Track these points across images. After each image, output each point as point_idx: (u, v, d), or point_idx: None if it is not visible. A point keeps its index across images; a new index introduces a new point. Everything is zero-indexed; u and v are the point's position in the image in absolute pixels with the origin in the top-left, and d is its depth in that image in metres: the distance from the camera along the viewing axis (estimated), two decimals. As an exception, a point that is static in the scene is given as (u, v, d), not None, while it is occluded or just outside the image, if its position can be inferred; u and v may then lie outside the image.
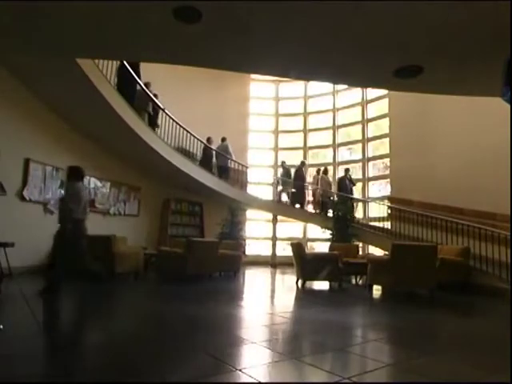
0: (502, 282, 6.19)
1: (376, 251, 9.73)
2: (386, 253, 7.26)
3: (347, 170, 11.18)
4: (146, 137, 7.88)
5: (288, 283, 7.50)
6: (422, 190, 9.14)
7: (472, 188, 7.83)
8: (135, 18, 3.94)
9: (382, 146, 11.54)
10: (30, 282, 5.81)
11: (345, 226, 9.27)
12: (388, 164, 11.11)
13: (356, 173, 12.19)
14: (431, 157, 9.31)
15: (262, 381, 2.01)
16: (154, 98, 9.15)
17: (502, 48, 3.60)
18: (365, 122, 11.96)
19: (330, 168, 12.70)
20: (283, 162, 12.27)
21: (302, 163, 11.90)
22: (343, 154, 12.73)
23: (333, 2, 3.46)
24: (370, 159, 11.80)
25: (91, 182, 8.30)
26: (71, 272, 4.96)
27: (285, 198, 11.91)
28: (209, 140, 11.09)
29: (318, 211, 11.08)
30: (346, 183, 10.65)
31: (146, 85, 9.25)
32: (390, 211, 9.71)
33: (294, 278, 6.83)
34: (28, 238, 6.62)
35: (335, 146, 12.65)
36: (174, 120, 9.49)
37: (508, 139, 5.16)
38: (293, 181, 11.51)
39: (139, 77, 8.81)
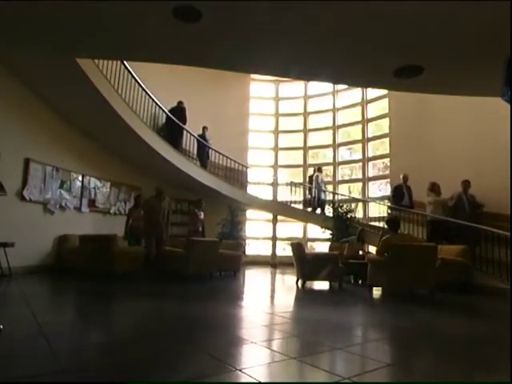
0: (502, 282, 6.19)
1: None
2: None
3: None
4: (146, 137, 7.88)
5: (288, 283, 7.49)
6: (421, 189, 9.12)
7: (472, 188, 7.82)
8: (135, 17, 3.94)
9: (382, 146, 11.54)
10: (30, 281, 5.81)
11: (345, 226, 9.28)
12: (388, 164, 11.11)
13: (356, 173, 12.21)
14: (431, 157, 9.30)
15: (262, 381, 2.01)
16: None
17: (502, 48, 3.61)
18: (365, 122, 11.95)
19: (330, 168, 12.70)
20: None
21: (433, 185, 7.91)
22: (343, 154, 12.73)
23: (333, 3, 3.46)
24: (370, 159, 11.79)
25: (91, 181, 8.31)
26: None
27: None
28: (319, 169, 11.06)
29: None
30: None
31: (204, 129, 10.72)
32: (389, 211, 9.70)
33: (294, 277, 6.83)
34: (28, 238, 6.62)
35: (335, 146, 12.64)
36: (175, 121, 9.50)
37: (508, 139, 5.16)
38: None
39: (185, 121, 9.85)
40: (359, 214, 11.10)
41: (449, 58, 4.39)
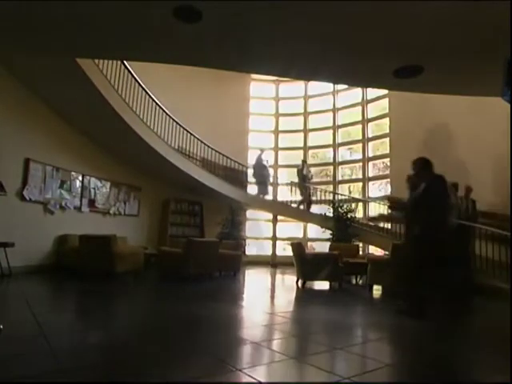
0: (502, 282, 6.18)
1: (376, 251, 9.71)
2: (386, 253, 7.26)
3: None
4: (147, 137, 7.88)
5: (288, 283, 7.49)
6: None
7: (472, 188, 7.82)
8: (135, 17, 3.94)
9: (382, 146, 11.54)
10: (30, 281, 5.81)
11: (345, 226, 9.28)
12: (388, 164, 11.11)
13: (356, 173, 12.21)
14: (431, 157, 9.27)
15: (262, 381, 2.01)
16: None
17: (502, 48, 3.61)
18: (365, 121, 11.95)
19: (330, 168, 12.69)
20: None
21: None
22: (343, 154, 12.73)
23: (333, 3, 3.46)
24: (370, 159, 11.79)
25: (91, 181, 8.31)
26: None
27: None
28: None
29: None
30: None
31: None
32: (390, 211, 9.69)
33: (294, 278, 6.83)
34: (28, 238, 6.62)
35: (335, 146, 12.64)
36: (175, 121, 9.50)
37: (508, 139, 5.16)
38: None
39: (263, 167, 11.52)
40: (359, 214, 11.10)
41: (449, 57, 4.39)
